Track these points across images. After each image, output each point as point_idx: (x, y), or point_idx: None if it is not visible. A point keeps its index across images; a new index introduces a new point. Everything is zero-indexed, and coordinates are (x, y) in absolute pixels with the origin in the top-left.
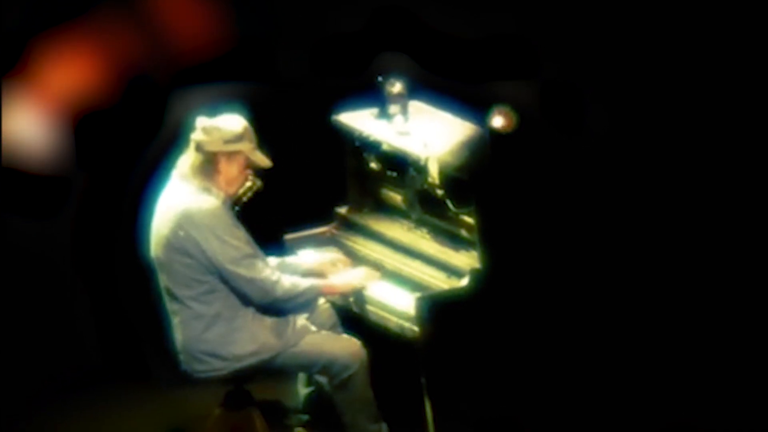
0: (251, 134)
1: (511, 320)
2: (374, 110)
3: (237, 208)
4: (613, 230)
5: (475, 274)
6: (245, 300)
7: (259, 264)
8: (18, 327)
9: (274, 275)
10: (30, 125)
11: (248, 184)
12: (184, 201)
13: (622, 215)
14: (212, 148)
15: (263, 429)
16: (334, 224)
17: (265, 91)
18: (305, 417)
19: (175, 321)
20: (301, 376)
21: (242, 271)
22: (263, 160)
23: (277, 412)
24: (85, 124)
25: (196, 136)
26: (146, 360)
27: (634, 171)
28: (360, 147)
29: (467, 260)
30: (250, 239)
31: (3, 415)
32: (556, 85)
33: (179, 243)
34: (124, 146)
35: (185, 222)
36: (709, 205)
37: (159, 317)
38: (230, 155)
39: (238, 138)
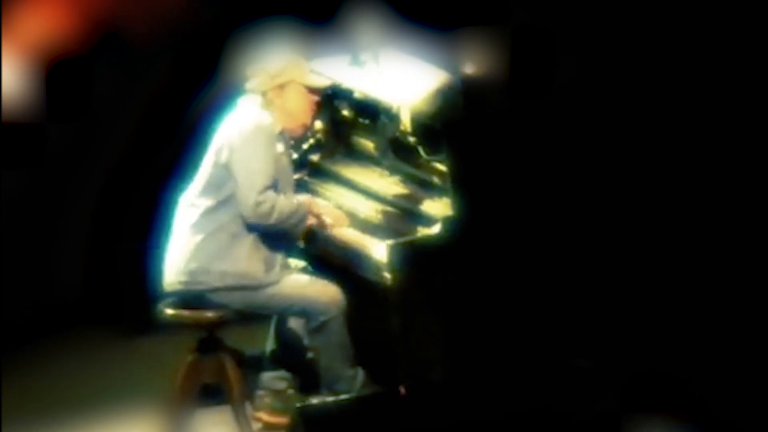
0: (299, 60)
1: (482, 267)
2: (346, 57)
3: (292, 142)
4: (584, 175)
5: (447, 221)
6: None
7: (270, 193)
8: None
9: (273, 201)
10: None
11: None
12: (245, 113)
13: (593, 162)
14: (263, 87)
15: (235, 374)
16: (305, 171)
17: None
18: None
19: (178, 230)
20: (270, 334)
21: (252, 190)
22: (318, 81)
23: (248, 358)
24: (57, 72)
25: (248, 85)
26: (122, 304)
27: (606, 119)
28: (332, 94)
29: (439, 207)
30: (284, 174)
31: None
32: (527, 31)
33: (222, 144)
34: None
35: (234, 129)
36: (675, 154)
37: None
38: (282, 88)
39: (284, 68)
